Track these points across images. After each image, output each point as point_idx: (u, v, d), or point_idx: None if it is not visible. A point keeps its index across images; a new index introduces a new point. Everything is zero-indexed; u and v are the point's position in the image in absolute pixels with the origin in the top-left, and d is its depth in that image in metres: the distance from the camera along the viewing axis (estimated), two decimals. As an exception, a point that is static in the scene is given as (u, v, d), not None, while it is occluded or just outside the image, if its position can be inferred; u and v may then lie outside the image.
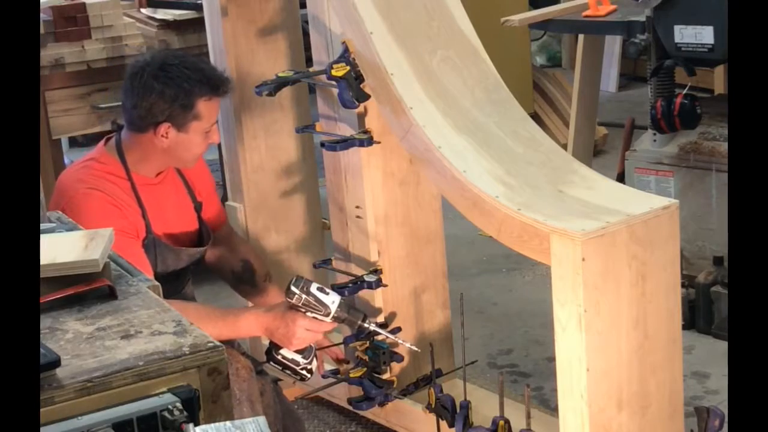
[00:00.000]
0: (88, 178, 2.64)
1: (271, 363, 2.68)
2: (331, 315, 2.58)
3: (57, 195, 2.66)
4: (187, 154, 2.73)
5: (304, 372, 2.68)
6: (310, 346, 2.68)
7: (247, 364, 2.66)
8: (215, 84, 2.70)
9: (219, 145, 3.70)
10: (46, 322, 1.60)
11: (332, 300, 2.58)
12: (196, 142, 2.71)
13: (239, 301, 3.49)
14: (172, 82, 2.64)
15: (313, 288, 2.57)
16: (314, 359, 2.69)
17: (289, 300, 2.56)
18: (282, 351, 2.64)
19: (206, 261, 2.98)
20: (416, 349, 2.77)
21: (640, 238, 2.36)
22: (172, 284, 2.71)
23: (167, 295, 2.57)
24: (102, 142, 2.76)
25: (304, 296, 2.55)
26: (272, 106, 3.33)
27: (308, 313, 2.57)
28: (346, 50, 2.74)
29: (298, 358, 2.64)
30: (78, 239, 1.75)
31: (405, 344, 2.73)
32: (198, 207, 2.88)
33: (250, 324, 2.64)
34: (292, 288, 2.55)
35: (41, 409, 1.37)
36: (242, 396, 2.57)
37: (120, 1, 4.09)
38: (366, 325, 2.66)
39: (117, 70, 3.99)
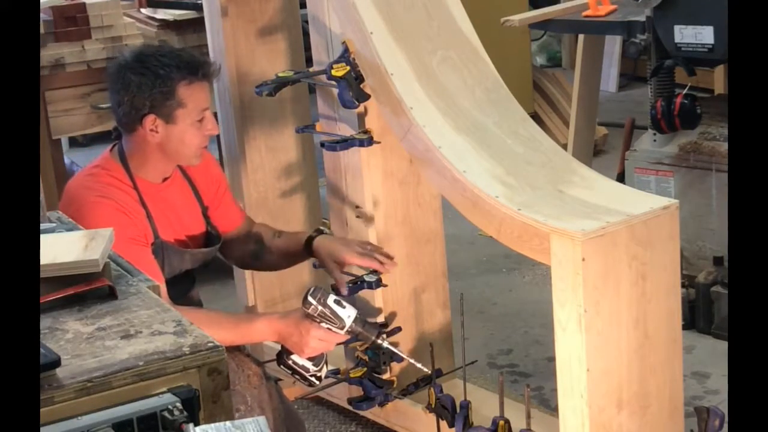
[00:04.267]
0: (95, 185, 2.62)
1: (281, 367, 2.68)
2: (346, 328, 2.58)
3: (65, 204, 2.61)
4: (184, 147, 2.66)
5: (312, 378, 2.68)
6: (321, 353, 2.68)
7: (257, 371, 2.66)
8: (193, 66, 2.63)
9: (219, 146, 3.71)
10: (46, 322, 1.60)
11: (348, 314, 2.58)
12: (190, 133, 2.64)
13: (239, 300, 3.49)
14: (148, 71, 2.59)
15: (330, 300, 2.56)
16: (324, 366, 2.69)
17: (305, 309, 2.56)
18: (293, 357, 2.65)
19: (228, 257, 2.99)
20: (426, 370, 2.75)
21: (640, 238, 2.36)
22: (179, 286, 2.69)
23: (174, 298, 2.58)
24: (108, 149, 2.74)
25: (320, 307, 2.55)
26: (272, 106, 3.33)
27: (323, 324, 2.57)
28: (346, 50, 2.74)
29: (308, 365, 2.65)
30: (78, 239, 1.75)
31: (417, 365, 2.72)
32: (204, 210, 2.86)
33: (263, 330, 2.63)
34: (309, 298, 2.55)
35: (41, 409, 1.37)
36: (254, 402, 2.57)
37: (120, 1, 4.10)
38: (380, 342, 2.65)
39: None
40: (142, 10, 4.34)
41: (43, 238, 1.69)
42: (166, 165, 2.72)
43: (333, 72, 2.73)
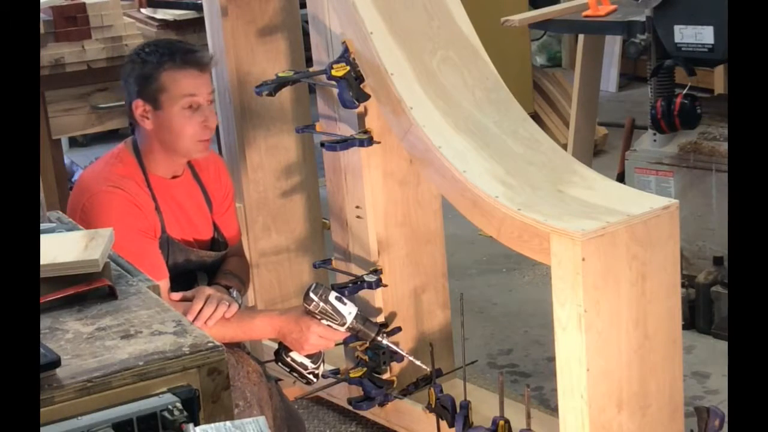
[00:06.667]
0: (110, 176, 2.63)
1: (279, 364, 2.68)
2: (346, 325, 2.59)
3: (78, 192, 2.64)
4: (175, 137, 2.63)
5: (310, 376, 2.68)
6: (320, 351, 2.68)
7: (257, 368, 2.67)
8: (173, 52, 2.63)
9: (219, 146, 3.70)
10: (46, 322, 1.60)
11: (349, 311, 2.58)
12: (177, 120, 2.61)
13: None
14: (140, 59, 2.65)
15: (332, 297, 2.57)
16: (322, 365, 2.70)
17: (306, 306, 2.56)
18: (292, 354, 2.65)
19: None
20: (425, 368, 2.76)
21: (640, 238, 2.36)
22: (182, 285, 2.69)
23: None
24: (125, 140, 2.76)
25: (321, 304, 2.55)
26: (272, 106, 3.33)
27: (323, 321, 2.57)
28: (346, 50, 2.74)
29: (306, 362, 2.65)
30: (78, 239, 1.75)
31: (416, 362, 2.72)
32: (213, 217, 2.85)
33: (263, 326, 2.63)
34: (311, 294, 2.55)
35: (41, 409, 1.37)
36: (253, 399, 2.57)
37: (120, 1, 4.09)
38: (380, 339, 2.66)
39: (117, 70, 3.96)
40: (142, 10, 4.34)
41: (43, 238, 1.69)
42: (172, 159, 2.70)
43: (333, 72, 2.73)
